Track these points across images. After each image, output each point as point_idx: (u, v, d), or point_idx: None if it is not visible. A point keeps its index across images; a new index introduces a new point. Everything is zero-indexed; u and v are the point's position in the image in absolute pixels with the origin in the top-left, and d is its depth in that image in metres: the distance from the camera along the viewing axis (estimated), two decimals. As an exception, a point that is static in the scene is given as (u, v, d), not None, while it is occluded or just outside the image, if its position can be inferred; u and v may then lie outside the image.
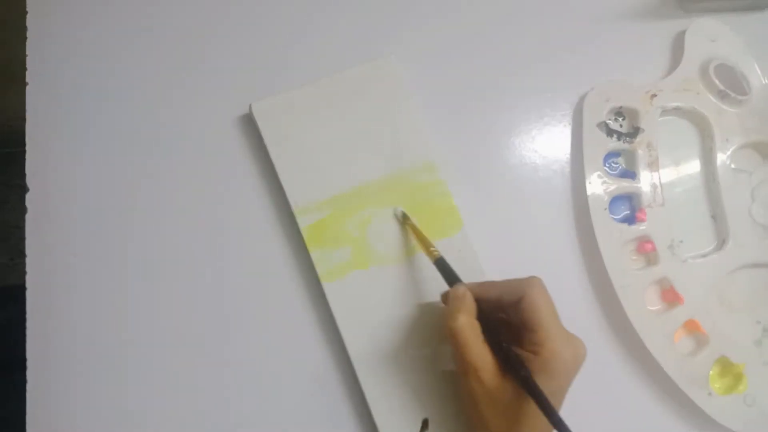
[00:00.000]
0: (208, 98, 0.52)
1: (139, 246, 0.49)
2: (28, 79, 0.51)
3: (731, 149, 0.56)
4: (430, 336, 0.49)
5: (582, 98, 0.56)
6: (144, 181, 0.50)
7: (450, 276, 0.45)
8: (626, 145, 0.55)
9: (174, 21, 0.54)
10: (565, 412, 0.49)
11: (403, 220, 0.50)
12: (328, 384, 0.49)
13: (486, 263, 0.50)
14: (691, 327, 0.53)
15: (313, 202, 0.49)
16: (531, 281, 0.42)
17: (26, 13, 0.52)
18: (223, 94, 0.52)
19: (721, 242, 0.55)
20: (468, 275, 0.49)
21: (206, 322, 0.49)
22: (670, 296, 0.53)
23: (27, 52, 0.51)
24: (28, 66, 0.51)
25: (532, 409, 0.38)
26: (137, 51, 0.53)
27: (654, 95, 0.56)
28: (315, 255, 0.49)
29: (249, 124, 0.52)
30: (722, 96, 0.56)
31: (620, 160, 0.56)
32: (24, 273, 0.47)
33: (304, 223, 0.49)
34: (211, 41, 0.53)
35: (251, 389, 0.48)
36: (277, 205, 0.51)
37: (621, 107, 0.56)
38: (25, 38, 0.51)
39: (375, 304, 0.49)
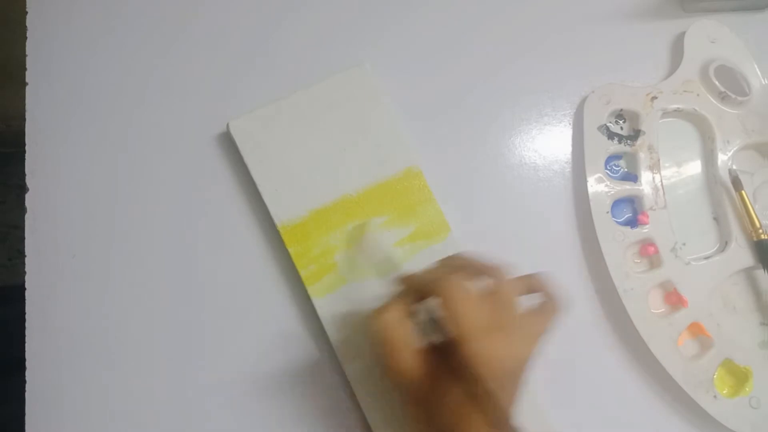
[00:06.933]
0: (184, 118, 0.52)
1: (137, 247, 0.49)
2: (27, 79, 0.51)
3: (732, 151, 0.56)
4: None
5: (583, 99, 0.56)
6: (136, 190, 0.50)
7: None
8: (627, 148, 0.55)
9: (147, 40, 0.54)
10: (570, 417, 0.49)
11: (735, 186, 0.52)
12: (323, 401, 0.48)
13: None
14: (696, 330, 0.53)
15: (297, 218, 0.49)
16: (446, 280, 0.38)
17: (26, 12, 0.52)
18: (200, 113, 0.52)
19: (724, 244, 0.55)
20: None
21: (200, 331, 0.48)
22: (674, 299, 0.52)
23: (27, 52, 0.51)
24: (27, 66, 0.51)
25: (461, 416, 0.36)
26: (133, 53, 0.53)
27: (654, 97, 0.56)
28: (304, 272, 0.48)
29: (227, 142, 0.51)
30: (722, 97, 0.57)
31: (621, 162, 0.56)
32: (23, 273, 0.47)
33: (289, 239, 0.48)
34: (186, 60, 0.54)
35: (250, 400, 0.48)
36: (261, 222, 0.51)
37: (621, 110, 0.56)
38: (25, 38, 0.51)
39: (368, 317, 0.48)
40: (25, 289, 0.47)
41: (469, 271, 0.40)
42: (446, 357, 0.37)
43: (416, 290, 0.40)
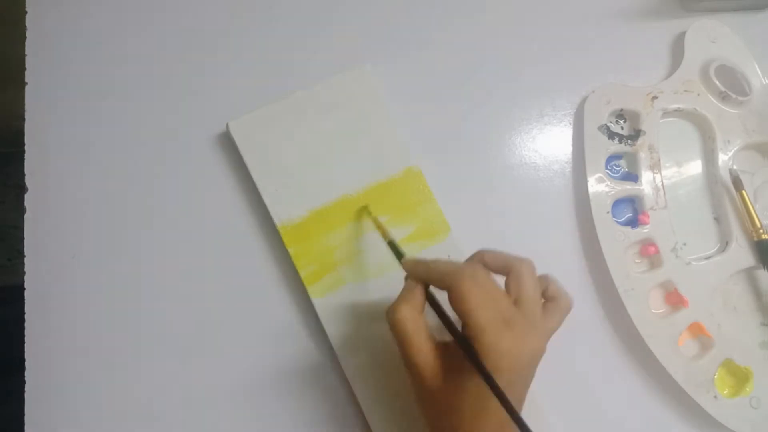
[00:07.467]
0: (184, 118, 0.52)
1: (136, 247, 0.49)
2: (27, 78, 0.51)
3: (733, 150, 0.56)
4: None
5: (583, 99, 0.56)
6: (135, 190, 0.50)
7: None
8: (628, 148, 0.55)
9: (147, 40, 0.53)
10: (570, 417, 0.49)
11: (736, 186, 0.54)
12: (323, 401, 0.48)
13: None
14: (696, 330, 0.52)
15: (297, 218, 0.49)
16: (458, 273, 0.37)
17: (25, 12, 0.52)
18: (200, 113, 0.52)
19: (725, 244, 0.55)
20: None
21: (200, 331, 0.48)
22: (675, 299, 0.52)
23: (26, 52, 0.51)
24: (27, 66, 0.51)
25: (478, 410, 0.36)
26: (133, 52, 0.53)
27: (655, 97, 0.56)
28: (304, 272, 0.48)
29: (227, 142, 0.51)
30: (723, 97, 0.57)
31: (622, 162, 0.56)
32: (22, 273, 0.47)
33: (289, 239, 0.48)
34: (186, 60, 0.53)
35: (249, 400, 0.48)
36: (261, 222, 0.50)
37: (622, 109, 0.56)
38: (24, 38, 0.51)
39: (367, 317, 0.48)
40: (24, 289, 0.47)
41: (493, 266, 0.40)
42: (458, 351, 0.37)
43: (428, 281, 0.40)
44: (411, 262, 0.41)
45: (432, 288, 0.40)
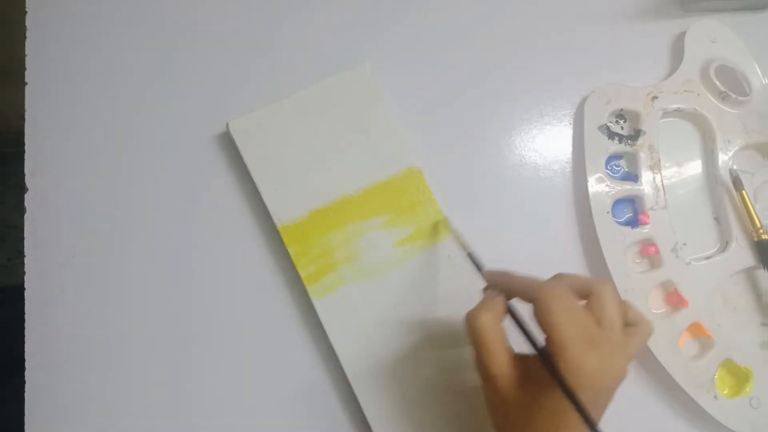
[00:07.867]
0: (184, 118, 0.52)
1: (136, 247, 0.49)
2: (27, 79, 0.51)
3: (733, 150, 0.56)
4: (425, 345, 0.48)
5: (583, 99, 0.56)
6: (135, 190, 0.50)
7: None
8: (628, 148, 0.55)
9: (147, 40, 0.53)
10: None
11: (736, 186, 0.54)
12: (324, 401, 0.48)
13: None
14: (696, 330, 0.52)
15: (297, 218, 0.49)
16: (545, 287, 0.37)
17: (26, 12, 0.52)
18: (200, 113, 0.52)
19: (725, 244, 0.55)
20: (457, 282, 0.49)
21: (201, 331, 0.48)
22: (675, 299, 0.52)
23: (26, 52, 0.51)
24: (27, 66, 0.51)
25: (552, 425, 0.35)
26: (133, 52, 0.53)
27: (655, 97, 0.56)
28: (304, 272, 0.48)
29: (227, 142, 0.51)
30: (723, 97, 0.57)
31: (622, 162, 0.56)
32: (22, 273, 0.47)
33: (289, 239, 0.48)
34: (186, 60, 0.53)
35: (248, 400, 0.48)
36: (261, 222, 0.50)
37: (622, 109, 0.56)
38: (25, 38, 0.51)
39: (367, 317, 0.48)
40: (24, 289, 0.47)
41: (575, 287, 0.39)
42: (535, 364, 0.37)
43: (509, 291, 0.40)
44: (492, 273, 0.42)
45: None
